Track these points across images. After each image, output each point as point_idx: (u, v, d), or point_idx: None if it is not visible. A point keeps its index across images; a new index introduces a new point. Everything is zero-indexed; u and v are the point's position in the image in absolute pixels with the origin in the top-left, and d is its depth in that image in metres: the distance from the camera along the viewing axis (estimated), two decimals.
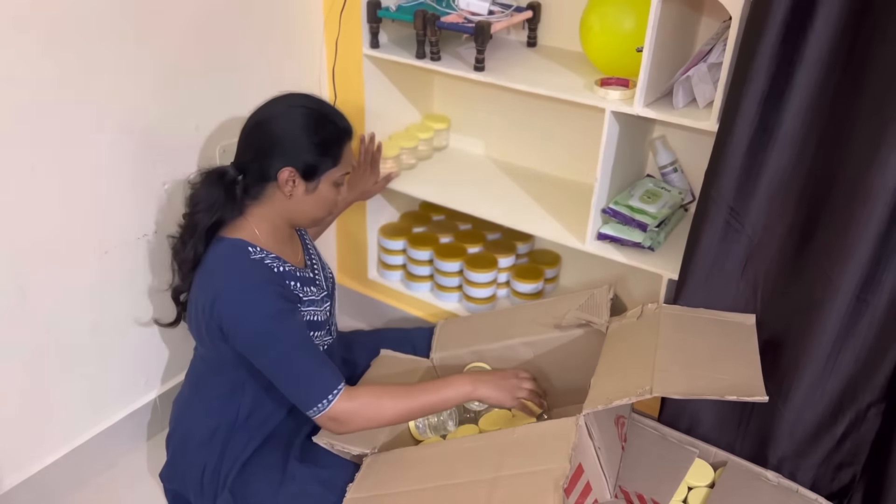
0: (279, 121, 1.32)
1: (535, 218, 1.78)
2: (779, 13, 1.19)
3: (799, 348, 1.39)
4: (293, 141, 1.31)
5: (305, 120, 1.32)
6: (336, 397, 1.28)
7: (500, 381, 1.41)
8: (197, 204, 1.35)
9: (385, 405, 1.32)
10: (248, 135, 1.35)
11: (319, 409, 1.28)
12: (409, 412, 1.35)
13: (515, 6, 1.77)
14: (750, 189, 1.35)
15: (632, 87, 1.51)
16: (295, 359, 1.29)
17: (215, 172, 1.36)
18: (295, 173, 1.32)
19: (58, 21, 1.30)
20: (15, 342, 1.43)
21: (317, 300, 1.44)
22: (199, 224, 1.34)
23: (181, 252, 1.37)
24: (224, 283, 1.31)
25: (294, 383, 1.30)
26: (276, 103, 1.35)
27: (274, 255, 1.36)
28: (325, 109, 1.36)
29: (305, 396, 1.29)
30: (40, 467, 1.56)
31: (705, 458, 1.52)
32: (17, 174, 1.33)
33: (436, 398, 1.36)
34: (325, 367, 1.30)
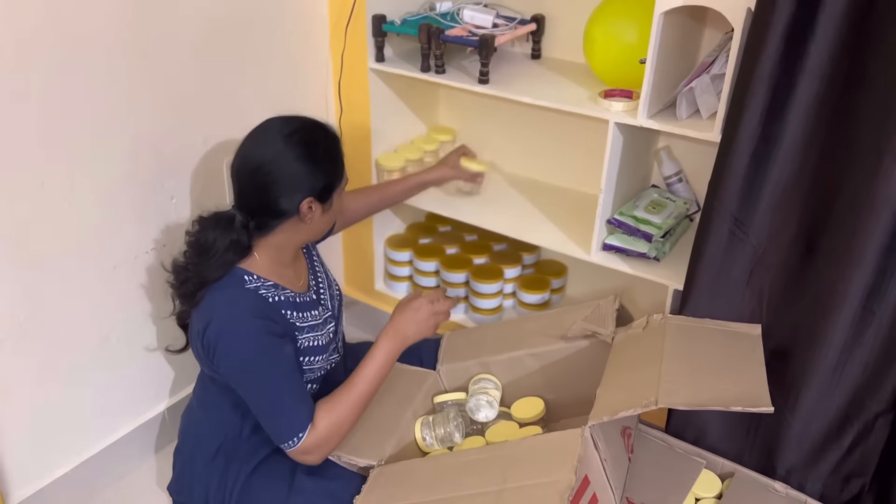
0: (281, 160, 1.29)
1: (540, 229, 1.79)
2: (780, 25, 1.20)
3: (805, 358, 1.38)
4: (303, 175, 1.31)
5: (304, 150, 1.30)
6: (303, 436, 1.30)
7: (418, 321, 1.45)
8: (207, 255, 1.32)
9: (341, 417, 1.35)
10: (249, 181, 1.31)
11: (290, 445, 1.31)
12: (362, 402, 1.38)
13: (519, 19, 1.79)
14: (753, 199, 1.35)
15: (635, 99, 1.52)
16: (271, 396, 1.31)
17: (222, 218, 1.34)
18: (313, 201, 1.32)
19: (67, 40, 1.32)
20: (25, 355, 1.44)
21: (318, 324, 1.44)
22: (211, 277, 1.33)
23: (182, 288, 1.37)
24: (215, 312, 1.32)
25: (268, 418, 1.32)
26: (264, 140, 1.31)
27: (271, 283, 1.37)
28: (315, 129, 1.35)
29: (278, 432, 1.32)
30: (49, 480, 1.57)
31: (713, 468, 1.51)
32: (28, 190, 1.34)
33: (373, 372, 1.40)
34: (299, 406, 1.32)
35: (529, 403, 1.61)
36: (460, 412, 1.58)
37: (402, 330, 1.44)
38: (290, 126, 1.32)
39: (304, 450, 1.31)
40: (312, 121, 1.36)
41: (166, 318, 1.47)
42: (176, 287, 1.39)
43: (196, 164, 1.64)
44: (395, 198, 1.83)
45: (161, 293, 1.66)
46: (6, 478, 1.49)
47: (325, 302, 1.50)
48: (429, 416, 1.56)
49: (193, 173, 1.64)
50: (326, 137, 1.36)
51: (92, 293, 1.52)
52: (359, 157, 1.94)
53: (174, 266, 1.39)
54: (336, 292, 1.58)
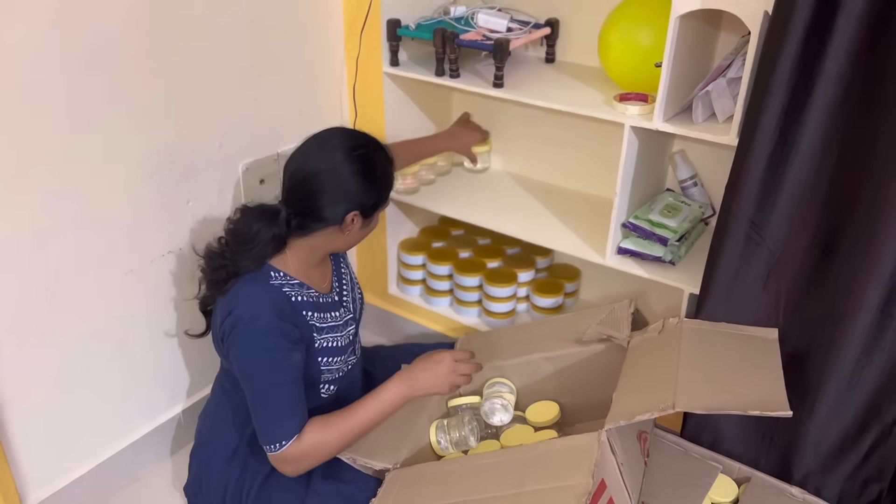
0: (338, 172, 1.32)
1: (554, 232, 1.79)
2: (798, 28, 1.20)
3: (823, 362, 1.38)
4: (356, 190, 1.33)
5: (363, 166, 1.33)
6: (286, 445, 1.31)
7: (437, 376, 1.47)
8: (246, 246, 1.34)
9: (329, 440, 1.36)
10: (302, 183, 1.34)
11: (272, 449, 1.32)
12: (353, 435, 1.40)
13: (534, 23, 1.79)
14: (771, 202, 1.34)
15: (651, 102, 1.51)
16: (270, 398, 1.32)
17: (267, 212, 1.36)
18: (357, 214, 1.35)
19: (83, 43, 1.33)
20: (43, 358, 1.45)
21: (338, 325, 1.45)
22: (245, 269, 1.34)
23: (213, 277, 1.38)
24: (238, 304, 1.33)
25: (260, 417, 1.33)
26: (327, 151, 1.34)
27: (297, 282, 1.38)
28: (375, 149, 1.37)
29: (266, 433, 1.33)
30: (66, 482, 1.58)
31: (729, 473, 1.51)
32: (48, 193, 1.35)
33: (375, 409, 1.42)
34: (293, 415, 1.33)
35: (544, 407, 1.61)
36: (475, 416, 1.58)
37: (418, 378, 1.46)
38: (354, 140, 1.35)
39: (283, 458, 1.33)
40: (375, 140, 1.39)
41: (184, 313, 1.47)
42: (207, 273, 1.40)
43: (212, 167, 1.65)
44: (411, 158, 1.85)
45: (176, 296, 1.67)
46: (24, 479, 1.50)
47: (347, 304, 1.51)
48: (443, 420, 1.55)
49: (210, 177, 1.65)
50: (385, 159, 1.38)
51: (109, 296, 1.53)
52: None
53: (208, 251, 1.40)
54: (359, 295, 1.60)
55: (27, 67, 1.26)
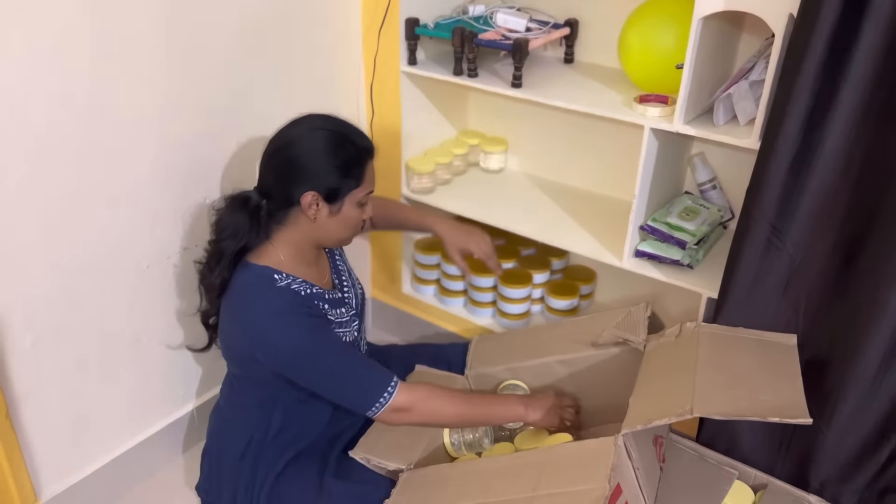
0: (299, 145, 1.32)
1: (571, 234, 1.78)
2: (824, 31, 1.18)
3: (843, 370, 1.36)
4: (314, 165, 1.31)
5: (325, 143, 1.32)
6: (395, 390, 1.32)
7: (547, 405, 1.47)
8: (222, 231, 1.36)
9: (444, 402, 1.38)
10: (269, 160, 1.35)
11: (380, 405, 1.32)
12: (464, 416, 1.40)
13: (553, 23, 1.78)
14: (793, 207, 1.33)
15: (671, 104, 1.50)
16: (341, 367, 1.32)
17: (239, 198, 1.37)
18: (318, 197, 1.32)
19: (104, 41, 1.33)
20: (60, 353, 1.46)
21: (345, 321, 1.45)
22: (225, 251, 1.35)
23: (208, 278, 1.39)
24: (254, 313, 1.33)
25: (347, 390, 1.33)
26: (296, 127, 1.35)
27: (301, 280, 1.37)
28: (344, 130, 1.35)
29: (362, 398, 1.32)
30: (80, 477, 1.58)
31: (745, 479, 1.49)
32: (67, 188, 1.36)
33: (489, 410, 1.43)
34: (372, 367, 1.34)
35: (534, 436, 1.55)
36: None
37: (533, 406, 1.46)
38: (327, 122, 1.35)
39: (395, 407, 1.32)
40: (351, 127, 1.37)
41: (196, 317, 1.48)
42: (201, 274, 1.41)
43: (228, 165, 1.64)
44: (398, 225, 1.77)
45: (192, 293, 1.66)
46: (39, 474, 1.50)
47: (349, 301, 1.50)
48: None
49: (226, 175, 1.64)
50: (355, 144, 1.35)
51: (125, 292, 1.53)
52: (389, 159, 1.94)
53: (204, 254, 1.42)
54: (359, 291, 1.58)
55: (50, 60, 1.26)
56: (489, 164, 2.07)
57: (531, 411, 1.45)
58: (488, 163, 2.07)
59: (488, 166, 2.07)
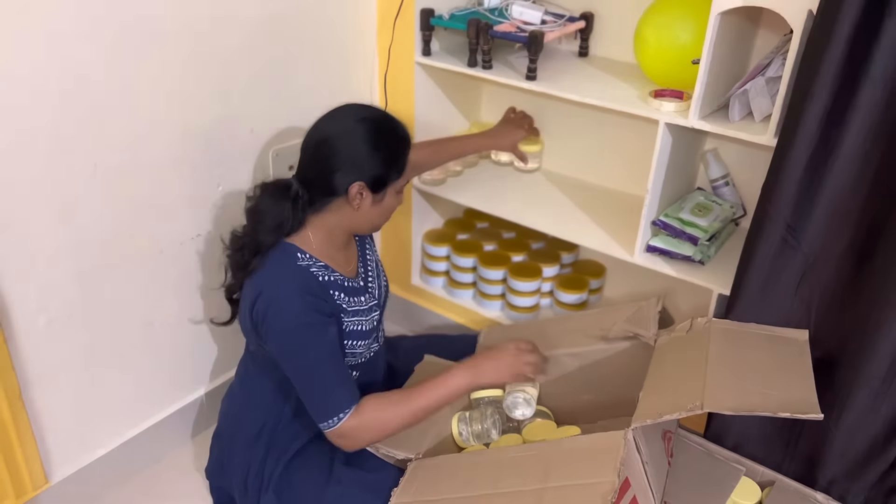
0: (346, 137, 1.32)
1: (582, 228, 1.78)
2: (844, 28, 1.17)
3: (853, 369, 1.36)
4: (362, 157, 1.32)
5: (372, 135, 1.33)
6: (346, 416, 1.31)
7: (498, 363, 1.45)
8: (262, 221, 1.35)
9: (389, 417, 1.36)
10: (313, 151, 1.35)
11: (330, 424, 1.32)
12: (413, 415, 1.38)
13: (568, 16, 1.77)
14: (808, 206, 1.33)
15: (686, 100, 1.50)
16: (316, 372, 1.32)
17: (280, 186, 1.37)
18: (364, 187, 1.33)
19: (121, 27, 1.33)
20: (73, 336, 1.46)
21: (364, 310, 1.45)
22: (265, 243, 1.35)
23: (239, 262, 1.39)
24: (266, 285, 1.33)
25: (310, 395, 1.33)
26: (339, 118, 1.35)
27: (322, 264, 1.38)
28: (388, 121, 1.37)
29: (321, 409, 1.32)
30: (90, 460, 1.59)
31: (752, 476, 1.50)
32: (82, 172, 1.36)
33: (437, 396, 1.40)
34: (343, 385, 1.33)
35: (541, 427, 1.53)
36: (497, 409, 1.57)
37: (480, 365, 1.44)
38: (367, 112, 1.35)
39: (342, 432, 1.32)
40: (389, 115, 1.38)
41: (210, 300, 1.48)
42: (231, 255, 1.41)
43: (244, 152, 1.65)
44: (447, 157, 1.82)
45: (205, 279, 1.67)
46: (49, 455, 1.51)
47: (372, 290, 1.51)
48: (466, 412, 1.55)
49: (241, 161, 1.65)
50: (396, 133, 1.37)
51: (138, 277, 1.54)
52: None
53: (232, 236, 1.41)
54: (384, 282, 1.59)
55: (67, 45, 1.26)
56: (501, 157, 2.06)
57: (481, 377, 1.43)
58: (500, 156, 2.06)
59: (499, 159, 2.06)
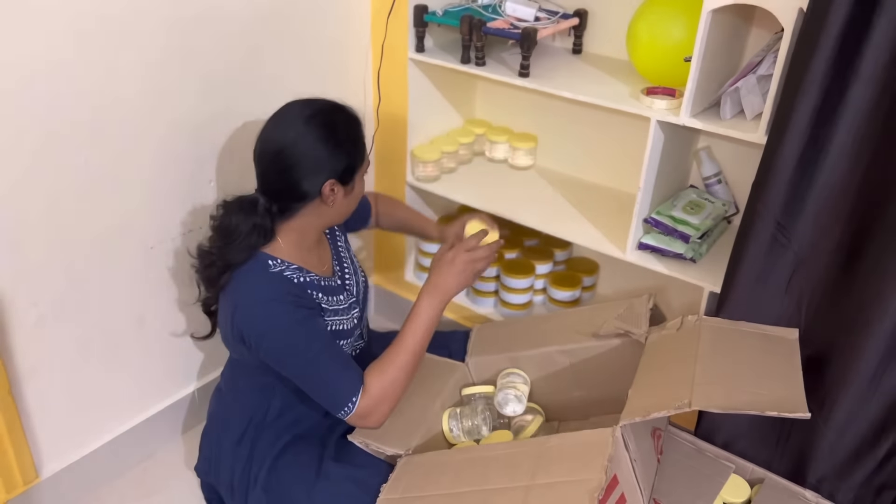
0: (301, 142, 1.29)
1: (575, 225, 1.78)
2: (834, 27, 1.17)
3: (843, 367, 1.36)
4: (324, 157, 1.30)
5: (325, 130, 1.30)
6: (358, 399, 1.31)
7: (458, 270, 1.41)
8: (233, 240, 1.32)
9: (393, 376, 1.34)
10: (271, 165, 1.32)
11: (346, 412, 1.31)
12: (413, 359, 1.37)
13: (562, 13, 1.77)
14: (798, 204, 1.33)
15: (678, 97, 1.50)
16: (316, 367, 1.31)
17: (245, 203, 1.34)
18: (335, 183, 1.32)
19: (114, 23, 1.33)
20: (63, 332, 1.46)
21: (342, 308, 1.44)
22: (235, 260, 1.33)
23: (207, 274, 1.37)
24: (242, 296, 1.32)
25: (318, 390, 1.33)
26: (287, 123, 1.31)
27: (296, 266, 1.37)
28: (334, 110, 1.34)
29: (332, 401, 1.32)
30: (80, 455, 1.59)
31: (741, 473, 1.50)
32: (72, 167, 1.36)
33: (418, 331, 1.38)
34: (345, 371, 1.32)
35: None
36: (488, 405, 1.58)
37: (441, 284, 1.41)
38: (310, 108, 1.32)
39: (360, 414, 1.31)
40: (332, 103, 1.35)
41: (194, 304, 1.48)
42: (201, 271, 1.39)
43: (235, 148, 1.64)
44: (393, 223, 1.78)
45: (196, 275, 1.67)
46: (40, 451, 1.51)
47: (350, 287, 1.50)
48: (456, 408, 1.56)
49: (231, 157, 1.64)
50: (347, 119, 1.35)
51: (129, 272, 1.54)
52: (395, 148, 1.94)
53: (199, 251, 1.39)
54: (361, 278, 1.58)
55: (57, 43, 1.26)
56: (495, 154, 2.06)
57: (447, 291, 1.40)
58: (494, 153, 2.06)
59: (493, 156, 2.06)
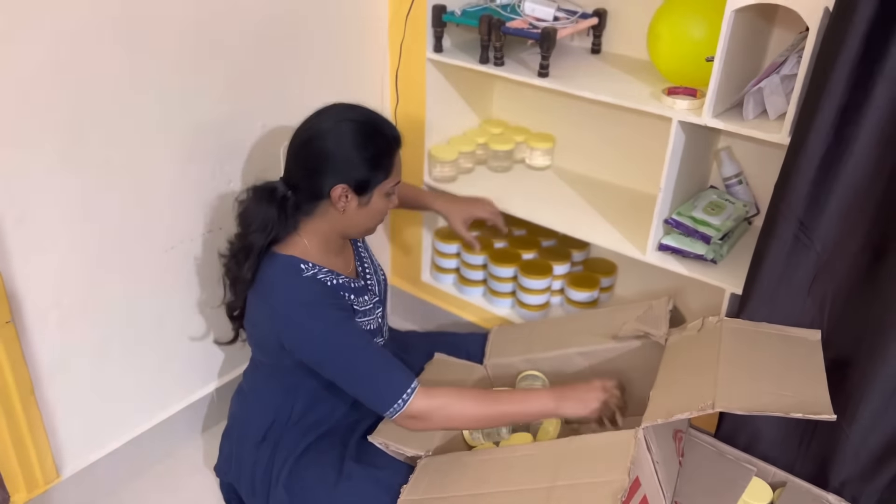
0: (329, 138, 1.30)
1: (594, 226, 1.77)
2: (861, 25, 1.16)
3: (867, 369, 1.35)
4: (344, 158, 1.30)
5: (355, 135, 1.30)
6: (412, 396, 1.29)
7: (585, 396, 1.38)
8: (250, 224, 1.34)
9: (466, 407, 1.32)
10: (297, 152, 1.33)
11: (396, 408, 1.29)
12: (488, 418, 1.35)
13: (581, 12, 1.76)
14: (822, 204, 1.31)
15: (699, 97, 1.49)
16: (363, 364, 1.31)
17: (265, 189, 1.35)
18: (348, 189, 1.32)
19: (134, 24, 1.33)
20: (84, 331, 1.47)
21: (369, 308, 1.45)
22: (255, 245, 1.34)
23: (235, 271, 1.38)
24: (280, 302, 1.32)
25: (367, 388, 1.32)
26: (324, 118, 1.33)
27: (327, 269, 1.37)
28: (373, 121, 1.34)
29: (381, 399, 1.30)
30: (101, 455, 1.60)
31: (763, 476, 1.49)
32: (93, 166, 1.37)
33: (517, 409, 1.36)
34: (394, 368, 1.31)
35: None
36: None
37: (566, 395, 1.37)
38: (353, 112, 1.33)
39: (411, 412, 1.29)
40: (379, 116, 1.36)
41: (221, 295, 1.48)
42: (227, 265, 1.40)
43: (254, 148, 1.65)
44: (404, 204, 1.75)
45: (215, 275, 1.67)
46: (61, 451, 1.52)
47: (372, 287, 1.51)
48: None
49: (251, 158, 1.65)
50: (384, 135, 1.34)
51: (150, 272, 1.54)
52: (412, 147, 1.94)
53: (228, 245, 1.41)
54: (381, 277, 1.59)
55: (80, 44, 1.27)
56: (512, 154, 2.06)
57: (564, 406, 1.36)
58: (511, 153, 2.06)
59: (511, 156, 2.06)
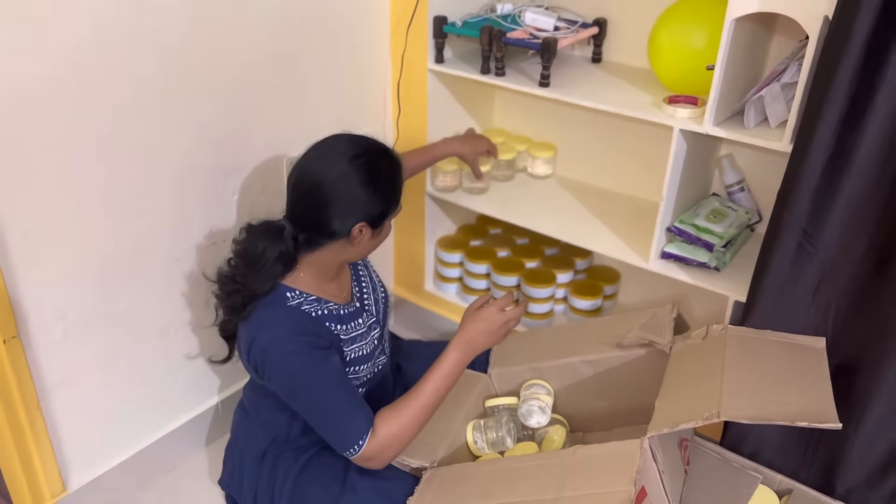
0: (342, 182, 1.28)
1: (596, 235, 1.77)
2: (860, 34, 1.17)
3: (872, 376, 1.35)
4: (357, 200, 1.29)
5: (369, 175, 1.29)
6: (365, 441, 1.29)
7: (487, 329, 1.40)
8: (259, 268, 1.31)
9: (403, 424, 1.32)
10: (308, 196, 1.30)
11: (352, 452, 1.30)
12: (425, 411, 1.35)
13: (581, 22, 1.77)
14: (824, 212, 1.32)
15: (700, 105, 1.49)
16: (326, 407, 1.30)
17: (273, 230, 1.33)
18: (365, 226, 1.32)
19: (139, 38, 1.34)
20: (90, 344, 1.47)
21: (362, 332, 1.44)
22: (259, 289, 1.32)
23: (230, 302, 1.36)
24: (259, 329, 1.32)
25: (326, 429, 1.32)
26: (324, 163, 1.30)
27: (314, 297, 1.37)
28: (381, 154, 1.33)
29: (340, 441, 1.31)
30: (106, 468, 1.60)
31: (769, 484, 1.49)
32: (99, 181, 1.37)
33: (439, 383, 1.36)
34: (355, 412, 1.30)
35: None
36: (512, 417, 1.57)
37: (472, 340, 1.40)
38: (356, 148, 1.31)
39: (365, 456, 1.30)
40: (379, 145, 1.35)
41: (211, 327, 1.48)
42: (222, 298, 1.38)
43: (258, 163, 1.65)
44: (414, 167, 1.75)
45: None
46: (67, 464, 1.52)
47: (369, 308, 1.50)
48: (480, 420, 1.55)
49: (254, 172, 1.65)
50: (391, 164, 1.34)
51: (154, 285, 1.55)
52: None
53: (220, 276, 1.38)
54: (381, 295, 1.57)
55: (82, 55, 1.27)
56: (515, 163, 2.06)
57: (476, 348, 1.40)
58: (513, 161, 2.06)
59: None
